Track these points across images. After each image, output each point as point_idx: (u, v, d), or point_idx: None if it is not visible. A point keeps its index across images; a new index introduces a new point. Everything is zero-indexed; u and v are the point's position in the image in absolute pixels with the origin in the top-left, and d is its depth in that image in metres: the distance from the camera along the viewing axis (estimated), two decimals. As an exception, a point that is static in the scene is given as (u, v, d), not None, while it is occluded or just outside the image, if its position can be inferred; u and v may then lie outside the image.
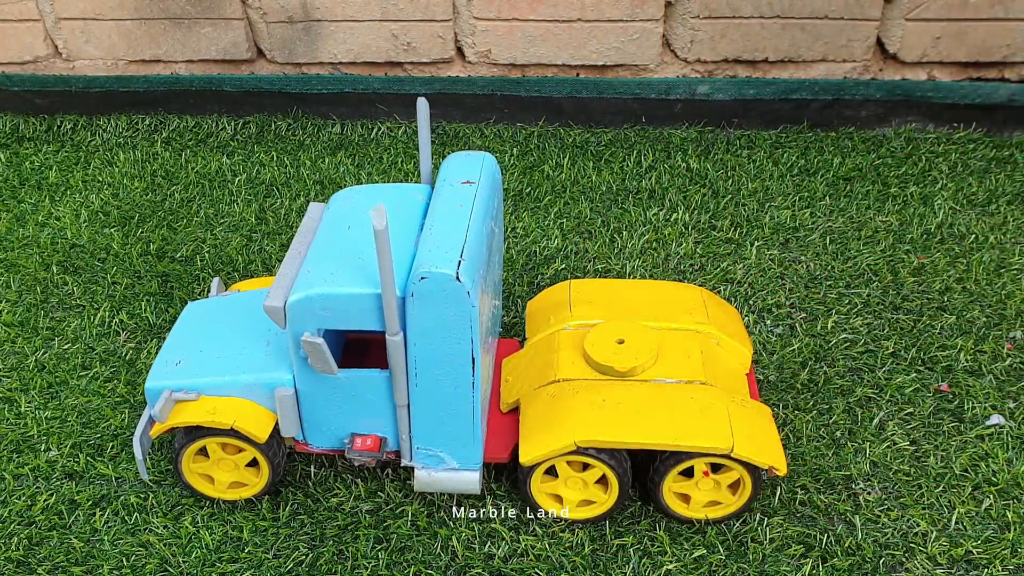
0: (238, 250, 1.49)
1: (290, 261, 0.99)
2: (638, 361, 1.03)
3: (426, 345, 0.93)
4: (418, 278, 0.89)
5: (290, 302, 0.93)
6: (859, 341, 1.28)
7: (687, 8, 1.70)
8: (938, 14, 1.68)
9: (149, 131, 1.84)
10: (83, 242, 1.52)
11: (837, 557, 1.01)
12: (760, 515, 1.06)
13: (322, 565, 1.01)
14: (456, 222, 0.95)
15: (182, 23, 1.79)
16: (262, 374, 1.01)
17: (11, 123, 1.86)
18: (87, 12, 1.79)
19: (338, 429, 1.03)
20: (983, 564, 1.01)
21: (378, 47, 1.79)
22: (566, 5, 1.71)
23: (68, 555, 1.03)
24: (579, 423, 0.99)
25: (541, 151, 1.74)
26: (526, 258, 1.46)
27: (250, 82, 1.83)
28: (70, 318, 1.36)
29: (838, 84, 1.74)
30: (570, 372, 1.05)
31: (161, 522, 1.06)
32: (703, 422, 0.98)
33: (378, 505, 1.07)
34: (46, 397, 1.23)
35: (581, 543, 1.03)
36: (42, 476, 1.12)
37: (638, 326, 1.07)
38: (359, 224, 1.00)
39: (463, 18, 1.75)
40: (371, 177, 1.67)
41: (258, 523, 1.06)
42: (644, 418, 0.99)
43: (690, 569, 1.00)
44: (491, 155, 1.08)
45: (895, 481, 1.10)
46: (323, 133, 1.81)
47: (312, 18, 1.76)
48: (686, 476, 1.02)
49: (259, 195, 1.63)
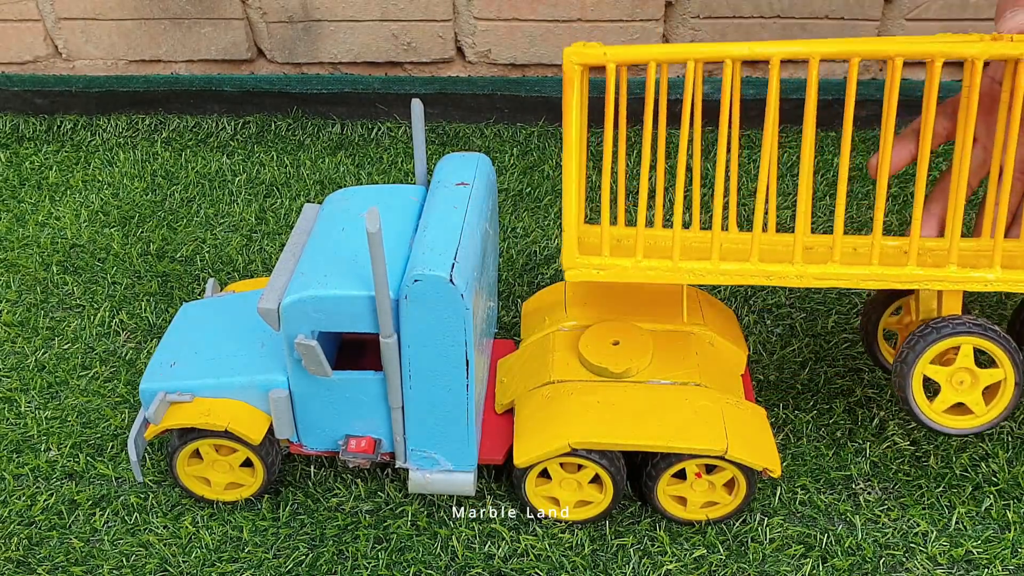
0: (238, 250, 1.49)
1: (284, 263, 0.99)
2: (632, 363, 1.03)
3: (420, 347, 0.93)
4: (412, 280, 0.89)
5: (284, 304, 0.93)
6: (859, 341, 1.28)
7: (687, 8, 1.69)
8: (938, 14, 1.67)
9: (149, 131, 1.84)
10: (83, 242, 1.52)
11: (837, 557, 1.01)
12: (760, 515, 1.06)
13: (322, 565, 1.01)
14: (450, 224, 0.95)
15: (182, 23, 1.80)
16: (256, 376, 1.01)
17: (11, 123, 1.87)
18: (87, 12, 1.80)
19: (332, 431, 1.03)
20: (983, 564, 1.01)
21: (378, 47, 1.79)
22: (566, 5, 1.71)
23: (68, 555, 1.03)
24: (573, 425, 0.99)
25: (541, 151, 1.73)
26: (526, 258, 1.46)
27: (250, 82, 1.83)
28: (70, 318, 1.36)
29: (838, 84, 1.74)
30: (565, 373, 1.05)
31: (161, 522, 1.06)
32: (698, 424, 0.98)
33: (378, 505, 1.08)
34: (46, 397, 1.23)
35: (581, 543, 1.03)
36: (42, 476, 1.12)
37: (633, 327, 1.07)
38: (353, 226, 1.00)
39: (463, 18, 1.75)
40: (371, 177, 1.67)
41: (258, 523, 1.06)
42: (639, 420, 0.99)
43: (690, 569, 1.00)
44: (485, 156, 1.08)
45: (895, 481, 1.09)
46: (323, 133, 1.81)
47: (312, 18, 1.76)
48: (679, 478, 1.02)
49: (259, 195, 1.63)
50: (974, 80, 0.85)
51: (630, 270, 0.93)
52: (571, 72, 0.84)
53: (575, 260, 0.93)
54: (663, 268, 0.93)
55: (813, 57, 0.85)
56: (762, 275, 0.92)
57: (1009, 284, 0.91)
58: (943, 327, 0.94)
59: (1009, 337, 0.94)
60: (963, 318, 0.94)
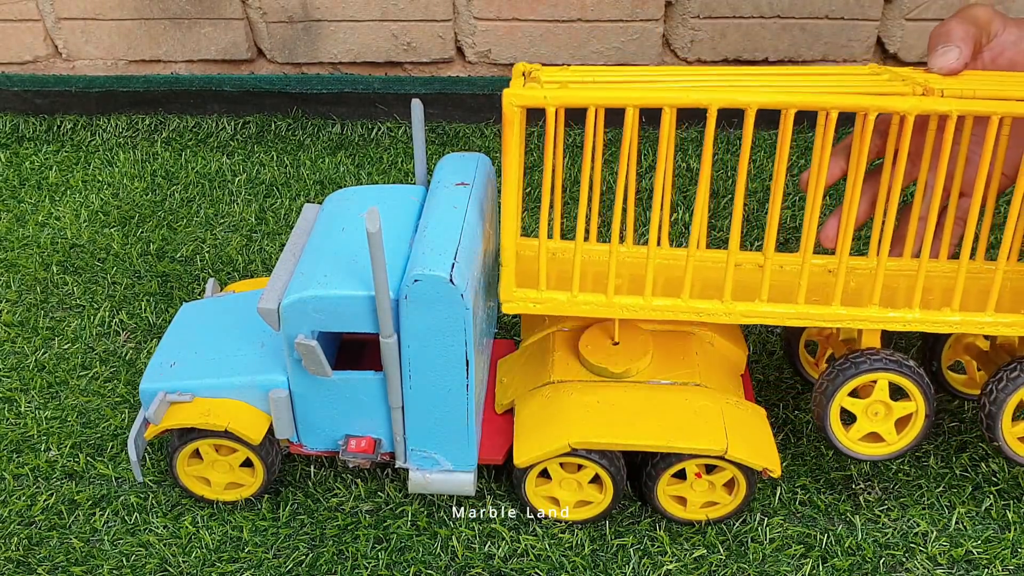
0: (238, 250, 1.49)
1: (284, 263, 0.99)
2: (632, 363, 1.03)
3: (420, 347, 0.93)
4: (412, 280, 0.89)
5: (284, 304, 0.93)
6: (859, 341, 1.28)
7: (687, 8, 1.69)
8: (938, 14, 1.67)
9: (149, 131, 1.84)
10: (83, 242, 1.52)
11: (837, 557, 1.01)
12: (760, 515, 1.06)
13: (322, 565, 1.01)
14: (450, 224, 0.95)
15: (182, 23, 1.80)
16: (256, 376, 1.01)
17: (11, 123, 1.86)
18: (87, 12, 1.80)
19: (332, 431, 1.03)
20: (983, 564, 1.01)
21: (378, 47, 1.79)
22: (566, 5, 1.71)
23: (68, 555, 1.03)
24: (573, 425, 0.99)
25: (540, 151, 1.73)
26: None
27: (250, 82, 1.83)
28: (70, 318, 1.36)
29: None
30: (565, 374, 1.05)
31: (161, 522, 1.06)
32: (698, 424, 0.98)
33: (378, 505, 1.08)
34: (46, 397, 1.23)
35: (581, 543, 1.03)
36: (42, 476, 1.12)
37: (633, 327, 1.07)
38: (353, 226, 1.00)
39: (463, 18, 1.75)
40: (371, 177, 1.67)
41: (258, 523, 1.06)
42: (639, 420, 0.99)
43: (690, 569, 1.00)
44: (485, 156, 1.08)
45: (895, 481, 1.09)
46: (323, 133, 1.81)
47: (312, 18, 1.76)
48: (679, 478, 1.02)
49: (259, 195, 1.63)
50: (905, 130, 0.88)
51: (565, 304, 0.97)
52: (511, 114, 0.86)
53: (512, 293, 0.97)
54: (597, 303, 0.97)
55: (751, 107, 0.87)
56: (692, 312, 0.96)
57: (927, 325, 0.96)
58: (861, 363, 0.97)
59: (922, 372, 0.98)
60: (880, 354, 0.98)
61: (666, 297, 0.96)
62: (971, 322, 0.95)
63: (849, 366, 0.97)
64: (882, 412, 1.00)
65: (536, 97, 0.85)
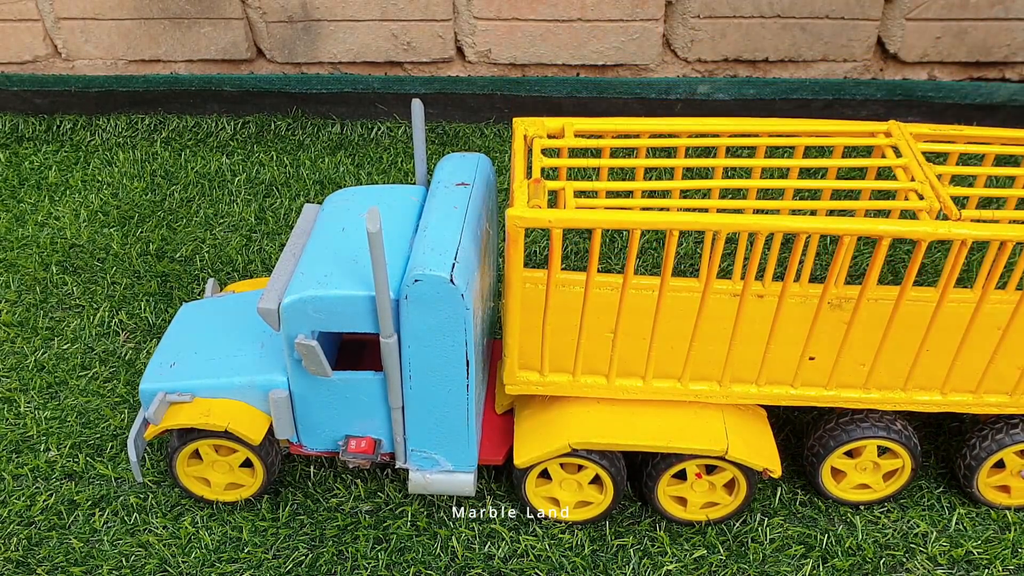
0: (238, 250, 1.49)
1: (284, 263, 0.99)
2: (632, 363, 1.03)
3: (420, 347, 0.93)
4: (412, 280, 0.89)
5: (284, 304, 0.93)
6: (859, 341, 1.28)
7: (687, 8, 1.69)
8: (938, 14, 1.67)
9: (148, 131, 1.84)
10: (83, 242, 1.52)
11: (837, 557, 1.01)
12: (760, 515, 1.06)
13: (322, 565, 1.01)
14: (450, 224, 0.95)
15: (182, 23, 1.79)
16: (256, 376, 1.01)
17: (11, 123, 1.86)
18: (87, 12, 1.80)
19: (332, 431, 1.03)
20: (983, 564, 1.01)
21: (378, 47, 1.79)
22: (566, 5, 1.71)
23: (68, 555, 1.03)
24: (574, 425, 0.99)
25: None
26: (526, 258, 1.46)
27: (250, 82, 1.83)
28: (70, 318, 1.36)
29: (838, 84, 1.74)
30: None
31: (161, 522, 1.06)
32: (698, 424, 0.98)
33: (378, 505, 1.07)
34: (46, 397, 1.23)
35: (581, 543, 1.03)
36: (42, 476, 1.12)
37: (632, 327, 1.07)
38: (353, 226, 1.00)
39: (463, 18, 1.74)
40: (371, 177, 1.67)
41: (258, 523, 1.06)
42: (639, 420, 0.99)
43: (690, 569, 1.00)
44: (485, 156, 1.08)
45: (894, 481, 1.09)
46: (323, 133, 1.81)
47: (312, 18, 1.76)
48: (680, 479, 1.02)
49: (259, 195, 1.63)
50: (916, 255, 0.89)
51: (566, 386, 0.99)
52: (515, 233, 0.88)
53: (515, 377, 0.99)
54: (598, 386, 0.99)
55: (761, 232, 0.89)
56: (690, 395, 1.00)
57: (916, 405, 1.00)
58: (852, 430, 1.02)
59: (909, 431, 1.03)
60: (869, 420, 1.02)
61: (666, 379, 0.99)
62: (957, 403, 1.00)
63: (840, 433, 1.02)
64: (871, 468, 1.04)
65: (540, 220, 0.87)
